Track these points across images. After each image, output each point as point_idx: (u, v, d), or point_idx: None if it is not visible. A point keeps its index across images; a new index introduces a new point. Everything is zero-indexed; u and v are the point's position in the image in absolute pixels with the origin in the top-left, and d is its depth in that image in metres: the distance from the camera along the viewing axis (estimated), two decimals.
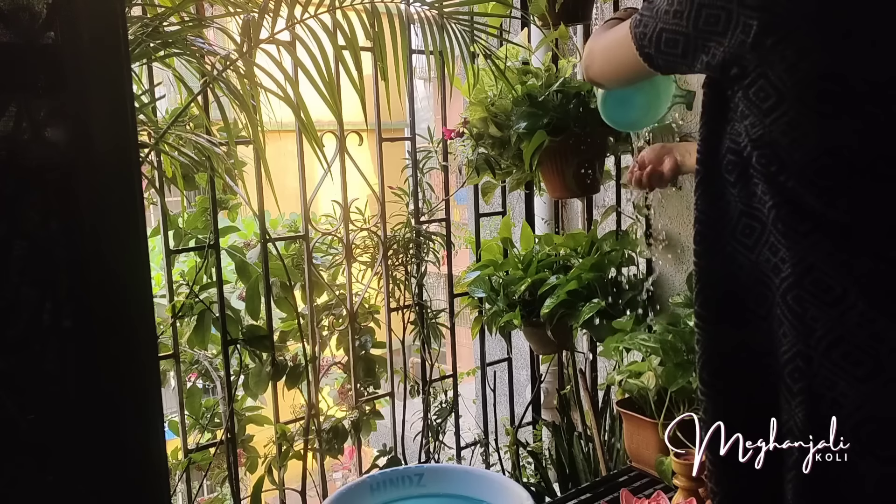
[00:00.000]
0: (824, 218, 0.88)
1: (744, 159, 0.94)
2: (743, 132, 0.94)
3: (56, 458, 0.64)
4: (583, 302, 1.90)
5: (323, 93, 1.50)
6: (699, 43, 0.96)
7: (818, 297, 0.87)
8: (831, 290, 0.87)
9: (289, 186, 1.87)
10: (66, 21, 0.61)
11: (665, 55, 1.03)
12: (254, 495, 1.86)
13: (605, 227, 2.12)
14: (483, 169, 1.98)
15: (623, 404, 1.82)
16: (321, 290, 2.03)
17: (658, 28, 1.01)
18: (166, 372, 1.85)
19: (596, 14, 2.18)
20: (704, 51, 0.96)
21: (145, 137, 1.56)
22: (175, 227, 1.84)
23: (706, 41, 0.95)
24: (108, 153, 0.64)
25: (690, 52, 0.98)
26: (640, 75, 1.16)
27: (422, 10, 1.61)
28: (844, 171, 0.88)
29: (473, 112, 1.91)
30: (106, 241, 0.64)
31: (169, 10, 1.45)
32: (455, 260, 2.29)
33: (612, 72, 1.21)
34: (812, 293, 0.88)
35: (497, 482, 1.51)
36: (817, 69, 0.86)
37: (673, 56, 1.01)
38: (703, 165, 1.01)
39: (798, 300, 0.89)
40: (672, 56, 1.01)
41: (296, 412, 1.98)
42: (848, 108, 0.87)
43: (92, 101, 0.63)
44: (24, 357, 0.63)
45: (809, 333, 0.87)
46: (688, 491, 1.55)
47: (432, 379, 2.20)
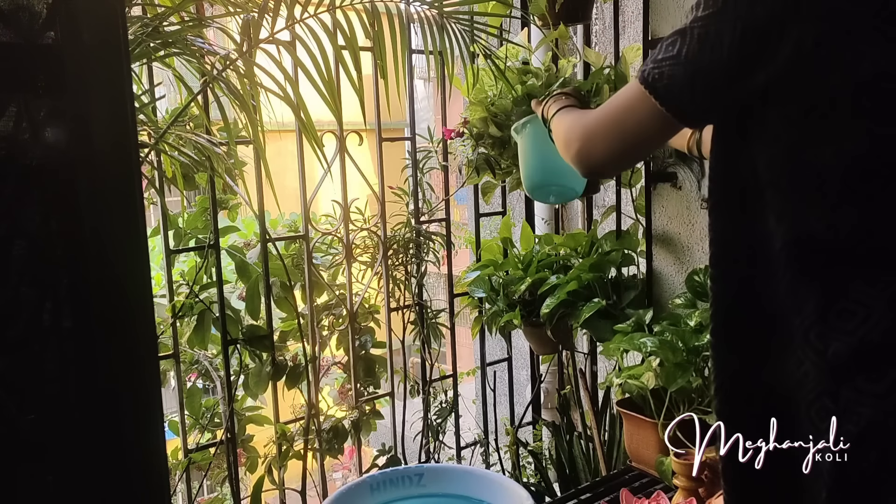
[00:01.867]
0: (844, 246, 0.84)
1: (760, 187, 0.89)
2: (764, 156, 0.88)
3: (56, 458, 0.64)
4: (583, 302, 1.90)
5: (323, 93, 1.50)
6: (744, 72, 0.86)
7: (840, 328, 0.84)
8: (854, 316, 0.84)
9: (289, 186, 1.87)
10: (66, 21, 0.61)
11: (702, 102, 0.91)
12: (254, 495, 1.86)
13: (605, 227, 2.12)
14: (483, 169, 1.98)
15: (623, 404, 1.82)
16: (321, 290, 2.03)
17: (691, 71, 0.88)
18: (166, 372, 1.85)
19: (596, 14, 2.18)
20: (749, 79, 0.86)
21: (145, 137, 1.56)
22: (175, 227, 1.84)
23: (752, 67, 0.85)
24: (108, 153, 0.64)
25: (734, 86, 0.87)
26: (662, 139, 1.07)
27: (422, 10, 1.61)
28: (879, 182, 0.83)
29: (473, 112, 1.91)
30: (106, 240, 0.64)
31: (169, 10, 1.45)
32: (455, 260, 2.29)
33: (625, 148, 1.04)
34: (834, 327, 0.84)
35: (497, 482, 1.51)
36: (874, 69, 0.81)
37: (712, 100, 0.90)
38: (715, 192, 0.96)
39: (821, 336, 0.85)
40: (711, 100, 0.91)
41: (296, 412, 1.98)
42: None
43: (92, 101, 0.63)
44: (24, 357, 0.63)
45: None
46: (688, 491, 1.55)
47: (432, 379, 2.20)
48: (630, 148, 1.04)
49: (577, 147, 1.08)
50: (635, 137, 1.00)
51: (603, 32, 2.20)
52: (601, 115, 1.04)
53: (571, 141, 1.10)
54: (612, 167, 1.21)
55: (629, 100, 0.97)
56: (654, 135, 0.99)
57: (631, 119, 0.97)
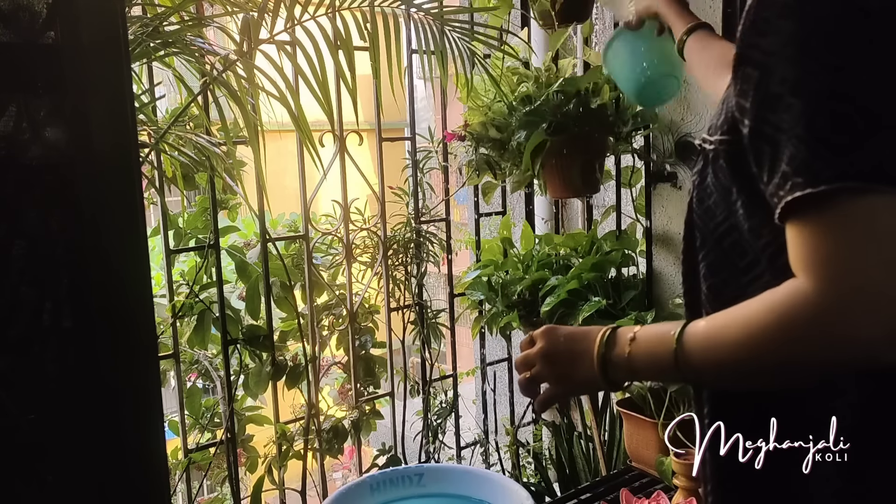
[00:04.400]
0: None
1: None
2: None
3: (56, 458, 0.64)
4: (583, 301, 1.90)
5: (318, 94, 1.50)
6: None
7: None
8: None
9: (289, 186, 1.87)
10: (66, 21, 0.61)
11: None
12: (254, 495, 1.86)
13: (605, 227, 2.12)
14: (483, 169, 1.98)
15: (623, 404, 1.83)
16: (321, 289, 2.03)
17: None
18: (166, 372, 1.85)
19: (596, 14, 2.18)
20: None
21: (145, 137, 1.56)
22: (175, 227, 1.84)
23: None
24: (108, 153, 0.64)
25: None
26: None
27: (420, 16, 1.61)
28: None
29: (472, 116, 1.92)
30: (106, 240, 0.64)
31: (169, 10, 1.45)
32: (455, 260, 2.29)
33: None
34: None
35: (497, 482, 1.51)
36: None
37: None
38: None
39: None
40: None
41: (296, 412, 1.98)
42: None
43: (92, 101, 0.63)
44: (24, 357, 0.63)
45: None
46: (688, 491, 1.55)
47: (432, 379, 2.20)
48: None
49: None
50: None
51: (603, 32, 2.20)
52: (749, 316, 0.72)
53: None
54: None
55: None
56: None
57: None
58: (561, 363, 0.92)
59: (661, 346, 0.80)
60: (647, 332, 0.84)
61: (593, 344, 0.87)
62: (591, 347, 0.87)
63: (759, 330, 0.71)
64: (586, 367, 0.87)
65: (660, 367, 0.82)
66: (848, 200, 0.65)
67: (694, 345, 0.77)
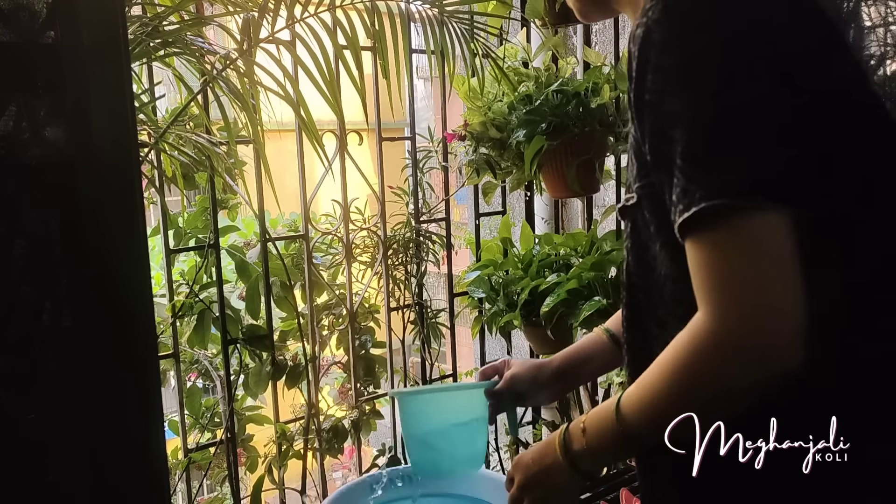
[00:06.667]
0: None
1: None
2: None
3: (56, 458, 0.64)
4: (583, 301, 1.90)
5: (324, 92, 1.50)
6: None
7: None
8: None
9: (289, 186, 1.87)
10: (66, 21, 0.61)
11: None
12: (254, 495, 1.86)
13: (605, 226, 2.12)
14: (483, 169, 1.98)
15: None
16: (321, 289, 2.03)
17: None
18: (166, 371, 1.85)
19: None
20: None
21: (145, 137, 1.56)
22: (175, 227, 1.84)
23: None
24: (107, 152, 0.64)
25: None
26: None
27: (422, 9, 1.61)
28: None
29: (472, 116, 1.92)
30: (106, 240, 0.64)
31: (169, 10, 1.45)
32: (455, 260, 2.29)
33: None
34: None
35: (497, 482, 1.50)
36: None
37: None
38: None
39: None
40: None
41: (296, 412, 1.98)
42: None
43: (92, 101, 0.63)
44: (24, 356, 0.63)
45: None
46: None
47: (432, 379, 2.20)
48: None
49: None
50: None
51: (603, 32, 2.20)
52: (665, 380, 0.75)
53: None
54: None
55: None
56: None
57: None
58: (540, 484, 0.92)
59: (606, 425, 0.81)
60: (593, 416, 0.84)
61: (556, 451, 0.87)
62: (556, 455, 0.87)
63: (675, 375, 0.72)
64: (561, 473, 0.88)
65: (615, 444, 0.82)
66: (725, 219, 0.65)
67: (631, 411, 0.78)
